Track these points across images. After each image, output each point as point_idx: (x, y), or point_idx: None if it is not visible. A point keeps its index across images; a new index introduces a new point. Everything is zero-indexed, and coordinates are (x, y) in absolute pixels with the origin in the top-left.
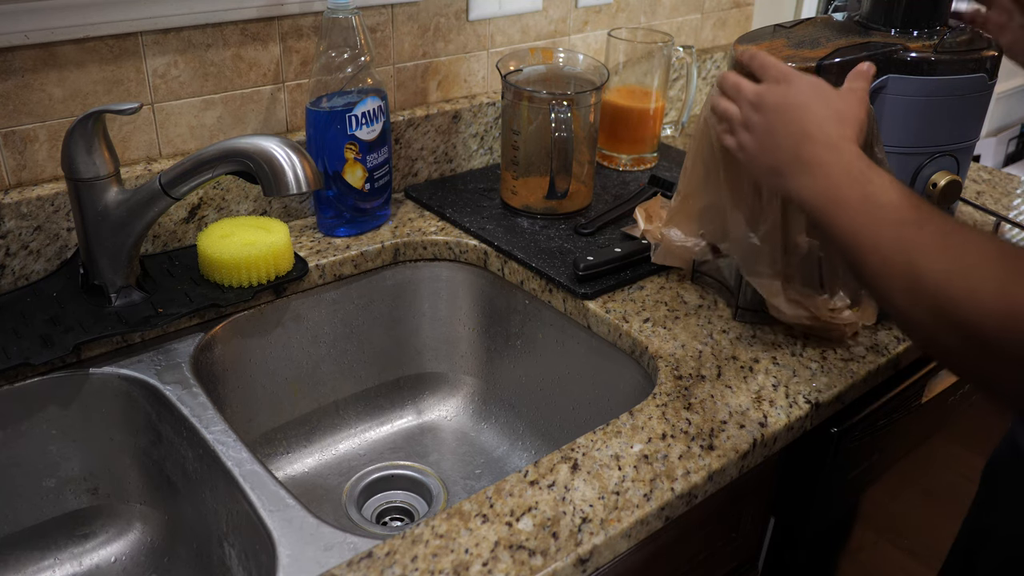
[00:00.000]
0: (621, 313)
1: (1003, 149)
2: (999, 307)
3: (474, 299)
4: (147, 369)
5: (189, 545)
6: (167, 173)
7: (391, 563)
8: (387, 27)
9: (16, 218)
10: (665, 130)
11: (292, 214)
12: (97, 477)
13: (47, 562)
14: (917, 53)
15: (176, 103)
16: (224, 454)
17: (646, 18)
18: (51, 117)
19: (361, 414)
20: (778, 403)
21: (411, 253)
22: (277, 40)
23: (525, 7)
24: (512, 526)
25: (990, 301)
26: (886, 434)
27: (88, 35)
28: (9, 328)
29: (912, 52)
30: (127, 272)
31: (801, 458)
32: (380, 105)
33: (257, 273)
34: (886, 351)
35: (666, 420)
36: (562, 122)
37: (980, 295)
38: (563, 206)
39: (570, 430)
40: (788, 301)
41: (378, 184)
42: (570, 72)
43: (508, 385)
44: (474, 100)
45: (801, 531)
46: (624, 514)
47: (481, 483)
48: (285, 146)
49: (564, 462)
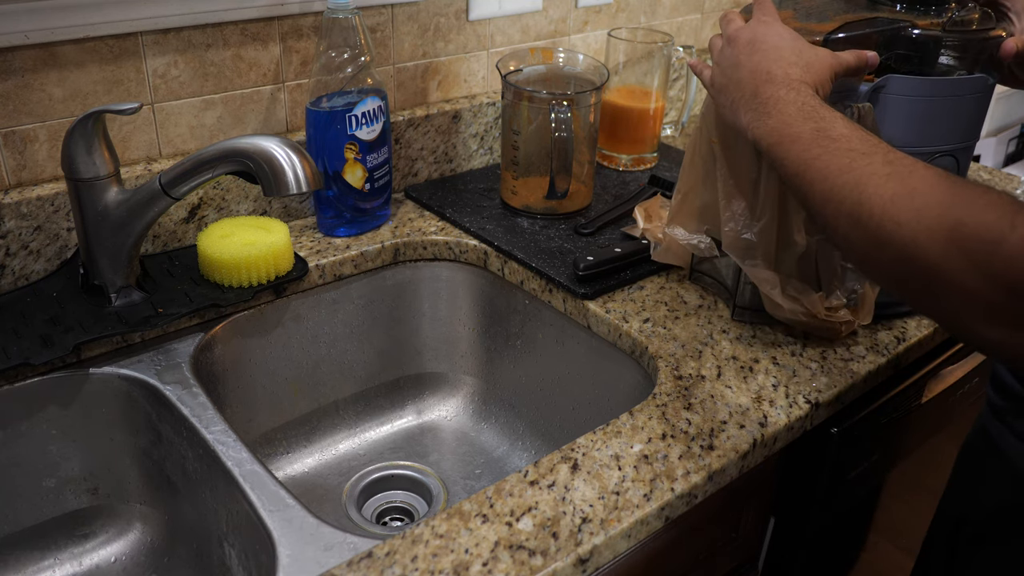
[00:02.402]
0: (621, 313)
1: (1003, 149)
2: (943, 228)
3: (474, 299)
4: (147, 369)
5: (189, 545)
6: (167, 173)
7: (391, 563)
8: (387, 27)
9: (16, 218)
10: (665, 130)
11: (292, 214)
12: (97, 477)
13: (47, 562)
14: (923, 31)
15: (176, 103)
16: (224, 454)
17: (646, 18)
18: (51, 117)
19: (361, 414)
20: (778, 403)
21: (411, 253)
22: (277, 40)
23: (525, 7)
24: (512, 526)
25: (934, 222)
26: (886, 434)
27: (88, 35)
28: (9, 328)
29: (918, 29)
30: (127, 272)
31: (801, 458)
32: (380, 105)
33: (257, 273)
34: (886, 351)
35: (666, 420)
36: (562, 122)
37: (924, 216)
38: (563, 206)
39: (570, 430)
40: (785, 296)
41: (378, 184)
42: (570, 72)
43: (508, 385)
44: (474, 100)
45: (801, 531)
46: (624, 514)
47: (481, 483)
48: (285, 146)
49: (564, 462)
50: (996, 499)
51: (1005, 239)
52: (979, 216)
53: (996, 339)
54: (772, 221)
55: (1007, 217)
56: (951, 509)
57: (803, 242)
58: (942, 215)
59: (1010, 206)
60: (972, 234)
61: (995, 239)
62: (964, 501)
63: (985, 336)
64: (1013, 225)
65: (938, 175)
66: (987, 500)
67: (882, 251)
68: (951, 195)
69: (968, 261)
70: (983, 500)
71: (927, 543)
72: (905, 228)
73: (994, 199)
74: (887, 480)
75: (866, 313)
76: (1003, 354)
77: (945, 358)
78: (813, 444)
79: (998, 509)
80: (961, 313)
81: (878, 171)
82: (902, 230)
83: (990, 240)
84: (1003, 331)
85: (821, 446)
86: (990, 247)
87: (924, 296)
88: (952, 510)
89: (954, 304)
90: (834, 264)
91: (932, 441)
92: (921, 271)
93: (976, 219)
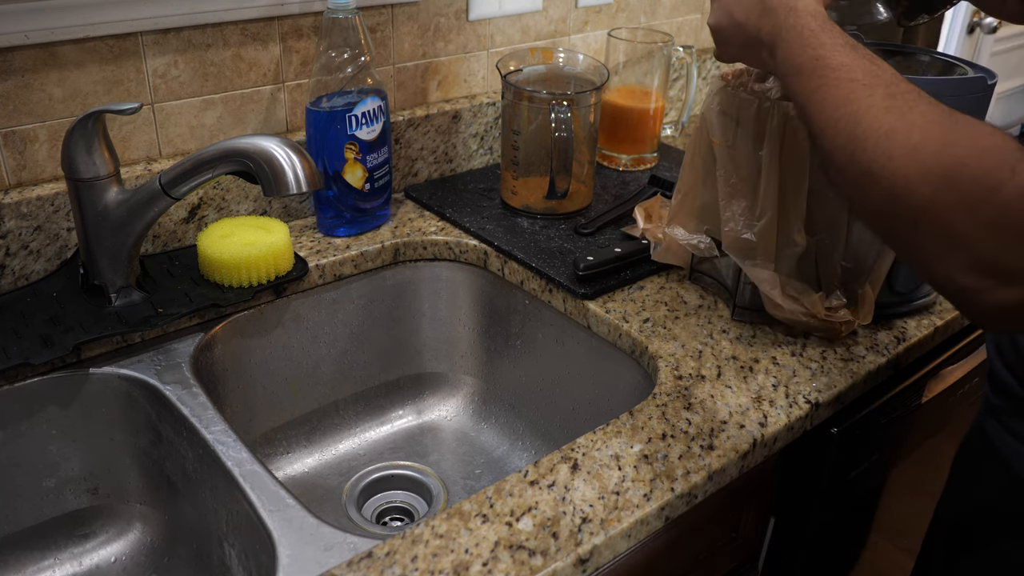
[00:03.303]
0: (621, 313)
1: None
2: (939, 167)
3: (474, 299)
4: (147, 369)
5: (189, 545)
6: (167, 173)
7: (391, 563)
8: (387, 27)
9: (16, 218)
10: (665, 130)
11: (292, 214)
12: (97, 477)
13: (47, 562)
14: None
15: (176, 103)
16: (224, 454)
17: (646, 18)
18: (51, 117)
19: (361, 414)
20: (778, 403)
21: (411, 253)
22: (277, 40)
23: (525, 7)
24: (512, 526)
25: (930, 160)
26: (886, 434)
27: (88, 35)
28: (9, 328)
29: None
30: (127, 272)
31: (801, 458)
32: (380, 105)
33: (257, 273)
34: (886, 351)
35: (666, 420)
36: (562, 122)
37: (920, 153)
38: (563, 206)
39: (570, 430)
40: (785, 296)
41: (378, 184)
42: (570, 72)
43: (508, 385)
44: (474, 100)
45: (801, 531)
46: (624, 514)
47: (481, 483)
48: (285, 146)
49: (564, 462)
50: (989, 499)
51: (1003, 186)
52: (979, 159)
53: (972, 287)
54: (772, 221)
55: (1008, 164)
56: (948, 509)
57: (803, 242)
58: (939, 153)
59: (1013, 152)
60: (969, 176)
61: (993, 185)
62: (960, 501)
63: (961, 283)
64: (1013, 172)
65: (941, 112)
66: (981, 500)
67: (873, 187)
68: (952, 134)
69: (961, 203)
70: (977, 500)
71: (926, 543)
72: (897, 163)
73: (997, 143)
74: (887, 480)
75: (866, 313)
76: (974, 306)
77: (945, 358)
78: (813, 444)
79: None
80: (945, 258)
81: (877, 104)
82: (893, 165)
83: (987, 185)
84: (980, 280)
85: (821, 446)
86: (986, 192)
87: (909, 237)
88: (949, 510)
89: (940, 247)
90: (834, 264)
91: (932, 441)
92: (910, 209)
93: (975, 162)
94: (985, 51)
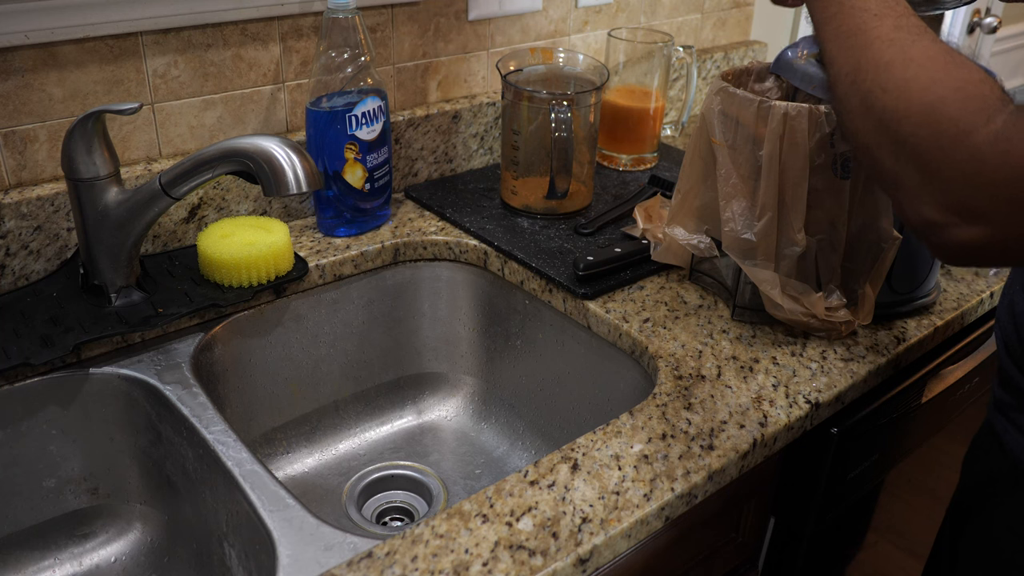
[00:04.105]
0: (621, 313)
1: None
2: (923, 102)
3: (474, 299)
4: (147, 369)
5: (189, 545)
6: (167, 173)
7: (391, 563)
8: (387, 27)
9: (16, 218)
10: (665, 130)
11: (292, 214)
12: (97, 477)
13: (47, 562)
14: None
15: (176, 103)
16: (224, 454)
17: (646, 18)
18: (51, 117)
19: (361, 414)
20: (778, 403)
21: (411, 253)
22: (277, 40)
23: (525, 7)
24: (512, 526)
25: (917, 94)
26: (886, 434)
27: (88, 35)
28: (9, 328)
29: None
30: (127, 272)
31: (801, 458)
32: (380, 105)
33: (257, 273)
34: (886, 351)
35: (666, 420)
36: (562, 122)
37: (911, 87)
38: (563, 206)
39: (570, 430)
40: (785, 296)
41: (378, 184)
42: (570, 72)
43: (508, 385)
44: (474, 100)
45: (801, 531)
46: (624, 514)
47: (481, 483)
48: (285, 146)
49: (564, 462)
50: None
51: (976, 130)
52: (961, 102)
53: (938, 221)
54: (772, 221)
55: (987, 110)
56: (958, 508)
57: (803, 242)
58: (927, 89)
59: (995, 101)
60: (947, 116)
61: (967, 128)
62: (970, 497)
63: (928, 217)
64: (989, 119)
65: (941, 50)
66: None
67: (867, 116)
68: (944, 72)
69: (935, 141)
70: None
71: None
72: (889, 95)
73: (984, 91)
74: (887, 480)
75: (866, 313)
76: (938, 240)
77: (945, 358)
78: (813, 444)
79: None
80: (917, 192)
81: (883, 36)
82: (886, 96)
83: (962, 128)
84: (946, 215)
85: (821, 446)
86: (960, 134)
87: (890, 168)
88: (959, 508)
89: (913, 181)
90: (834, 264)
91: (932, 441)
92: (893, 141)
93: (957, 103)
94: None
